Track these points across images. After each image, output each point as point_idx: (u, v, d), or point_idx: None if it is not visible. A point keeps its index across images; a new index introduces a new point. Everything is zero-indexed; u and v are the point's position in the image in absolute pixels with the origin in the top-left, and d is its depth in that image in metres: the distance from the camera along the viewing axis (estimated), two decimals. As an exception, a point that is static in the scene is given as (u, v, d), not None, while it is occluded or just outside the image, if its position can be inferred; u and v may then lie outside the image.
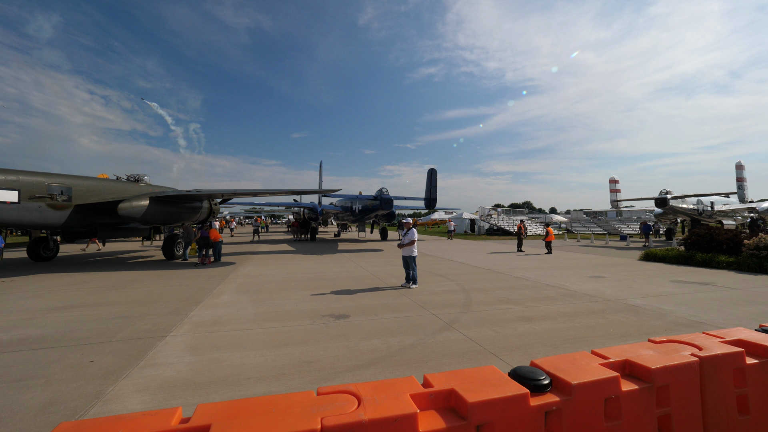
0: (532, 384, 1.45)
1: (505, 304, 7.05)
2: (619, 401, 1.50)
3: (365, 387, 1.37)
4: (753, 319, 6.04)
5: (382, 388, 1.36)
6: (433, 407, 1.35)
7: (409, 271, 8.78)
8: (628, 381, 1.59)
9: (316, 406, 1.24)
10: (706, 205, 23.04)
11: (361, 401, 1.28)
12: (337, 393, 1.33)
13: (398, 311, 6.46)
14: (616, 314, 6.31)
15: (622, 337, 5.11)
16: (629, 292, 8.12)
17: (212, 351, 4.51)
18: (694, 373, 1.66)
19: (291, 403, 1.26)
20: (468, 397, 1.31)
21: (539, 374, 1.50)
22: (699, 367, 1.68)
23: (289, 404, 1.25)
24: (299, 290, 8.31)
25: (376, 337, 5.06)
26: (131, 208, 12.06)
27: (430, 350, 4.56)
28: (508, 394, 1.34)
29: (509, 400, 1.33)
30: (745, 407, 1.77)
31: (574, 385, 1.43)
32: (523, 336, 5.13)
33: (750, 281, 9.56)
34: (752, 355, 1.88)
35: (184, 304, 7.01)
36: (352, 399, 1.29)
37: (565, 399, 1.42)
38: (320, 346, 4.67)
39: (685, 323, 5.77)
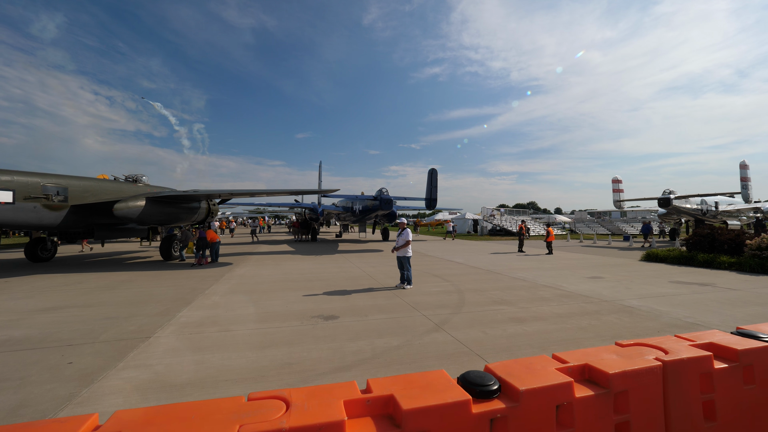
0: (479, 390, 1.38)
1: (498, 305, 6.95)
2: (573, 408, 1.42)
3: (299, 393, 1.30)
4: (749, 320, 5.90)
5: (316, 394, 1.30)
6: (369, 414, 1.29)
7: (404, 271, 8.71)
8: (584, 386, 1.51)
9: (240, 412, 1.18)
10: (710, 205, 22.74)
11: (289, 407, 1.21)
12: (267, 399, 1.27)
13: (389, 312, 6.39)
14: (610, 315, 6.19)
15: (613, 339, 5.00)
16: (626, 293, 7.99)
17: (194, 352, 4.46)
18: (656, 378, 1.58)
19: (215, 409, 1.20)
20: (404, 404, 1.24)
21: (488, 379, 1.43)
22: (662, 372, 1.60)
23: (212, 410, 1.19)
24: (292, 291, 8.26)
25: (362, 338, 4.99)
26: (127, 208, 12.08)
27: (415, 352, 4.48)
28: (447, 401, 1.27)
29: (449, 407, 1.26)
30: (711, 413, 1.68)
31: (522, 391, 1.36)
32: (512, 337, 5.04)
33: (751, 282, 9.38)
34: (722, 359, 1.80)
35: (174, 304, 6.99)
36: (280, 405, 1.22)
37: (512, 406, 1.35)
38: (304, 348, 4.62)
39: (679, 325, 5.65)
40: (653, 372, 1.58)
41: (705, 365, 1.70)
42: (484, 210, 39.14)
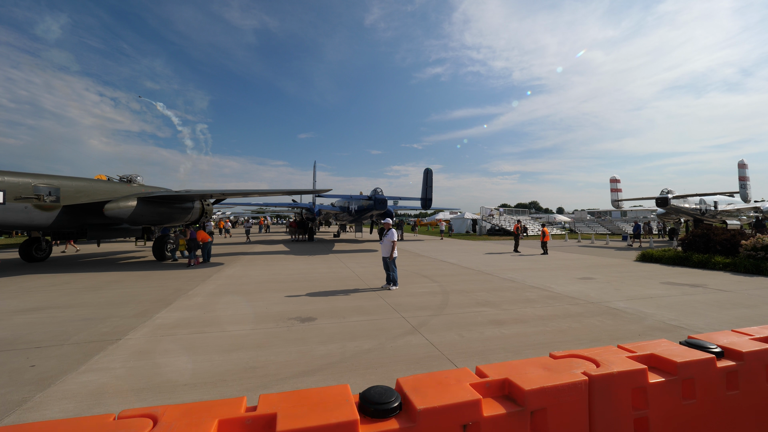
0: (374, 408, 1.28)
1: (481, 306, 6.85)
2: (480, 428, 1.32)
3: (174, 410, 1.21)
4: (736, 323, 5.76)
5: (192, 412, 1.21)
6: (248, 435, 1.20)
7: (389, 272, 8.61)
8: (499, 404, 1.42)
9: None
10: (709, 204, 22.49)
11: (155, 426, 1.12)
12: (137, 417, 1.18)
13: (368, 314, 6.30)
14: (593, 318, 6.07)
15: (592, 343, 4.89)
16: (614, 295, 7.86)
17: (160, 355, 4.39)
18: (580, 395, 1.48)
19: (80, 428, 1.11)
20: (283, 425, 1.15)
21: (389, 396, 1.33)
22: (587, 387, 1.50)
23: (74, 429, 1.10)
24: (276, 292, 8.19)
25: (335, 341, 4.90)
26: (118, 208, 12.05)
27: (386, 356, 4.39)
28: (331, 421, 1.18)
29: (332, 428, 1.17)
30: (644, 431, 1.58)
31: (420, 411, 1.26)
32: (488, 341, 4.94)
33: (743, 283, 9.22)
34: (660, 372, 1.69)
35: (154, 305, 6.93)
36: (147, 424, 1.14)
37: (409, 426, 1.25)
38: (273, 351, 4.53)
39: (662, 328, 5.52)
40: (577, 388, 1.48)
41: (638, 379, 1.59)
42: (482, 210, 38.95)
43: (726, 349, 1.86)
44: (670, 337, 5.11)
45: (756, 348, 1.85)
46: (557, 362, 1.67)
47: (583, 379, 1.49)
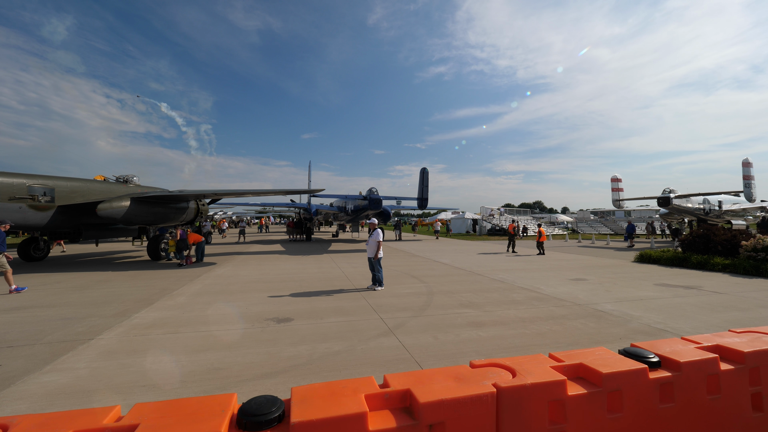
0: (247, 420, 1.20)
1: (464, 308, 6.74)
2: (365, 443, 1.24)
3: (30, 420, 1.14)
4: (724, 326, 5.59)
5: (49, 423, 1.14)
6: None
7: (375, 272, 8.53)
8: (393, 416, 1.33)
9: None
10: (713, 204, 22.09)
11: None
12: None
13: (347, 315, 6.22)
14: (576, 320, 5.94)
15: (570, 346, 4.76)
16: (604, 296, 7.70)
17: (128, 356, 4.35)
18: (486, 408, 1.38)
19: None
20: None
21: (268, 407, 1.25)
22: (495, 400, 1.40)
23: None
24: (261, 292, 8.14)
25: (306, 343, 4.83)
26: (111, 208, 12.10)
27: (353, 358, 4.31)
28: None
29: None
30: (560, 447, 1.48)
31: (293, 425, 1.18)
32: (462, 343, 4.83)
33: (741, 285, 8.99)
34: (586, 384, 1.59)
35: (136, 305, 6.91)
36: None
37: (282, 441, 1.17)
38: (241, 352, 4.47)
39: (646, 331, 5.38)
40: (482, 400, 1.38)
41: (556, 391, 1.49)
42: (482, 210, 38.70)
43: (664, 358, 1.76)
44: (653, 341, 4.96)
45: (696, 358, 1.74)
46: (473, 372, 1.57)
47: (490, 392, 1.40)
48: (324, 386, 1.41)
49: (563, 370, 1.63)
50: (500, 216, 39.11)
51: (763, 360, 1.81)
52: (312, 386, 1.41)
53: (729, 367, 1.77)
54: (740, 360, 1.80)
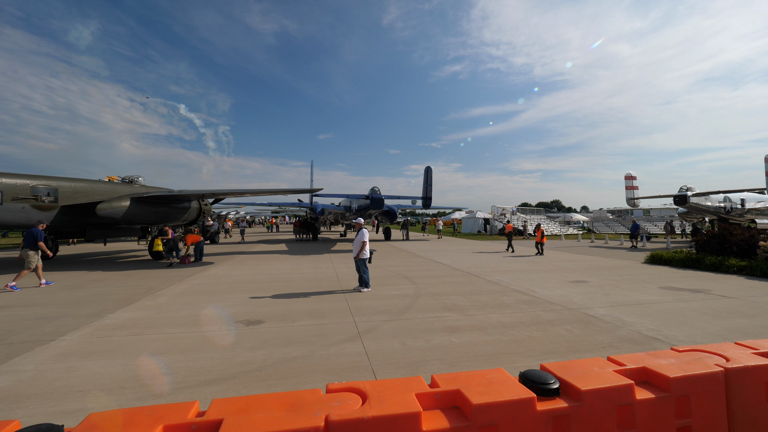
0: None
1: (447, 311, 6.44)
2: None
3: None
4: (724, 334, 5.12)
5: None
6: None
7: (360, 274, 8.31)
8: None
9: None
10: (735, 202, 20.86)
11: None
12: None
13: (321, 318, 6.02)
14: (562, 326, 5.56)
15: (545, 355, 4.42)
16: (600, 300, 7.25)
17: (80, 358, 4.28)
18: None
19: None
20: None
21: None
22: None
23: None
24: (245, 292, 8.04)
25: (266, 347, 4.66)
26: (110, 208, 12.31)
27: (307, 365, 4.10)
28: None
29: None
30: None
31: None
32: (429, 350, 4.56)
33: (755, 289, 8.33)
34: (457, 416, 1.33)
35: (115, 305, 6.91)
36: None
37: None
38: (196, 356, 4.34)
39: (634, 339, 4.97)
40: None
41: (411, 426, 1.24)
42: (494, 209, 37.91)
43: (566, 384, 1.47)
44: (638, 350, 4.57)
45: (605, 384, 1.45)
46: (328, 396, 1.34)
47: (316, 426, 1.16)
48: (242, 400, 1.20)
49: (437, 398, 1.37)
50: (512, 215, 38.24)
51: (693, 387, 1.50)
52: (236, 399, 1.21)
53: (648, 396, 1.47)
54: (664, 386, 1.50)
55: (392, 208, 25.82)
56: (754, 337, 5.06)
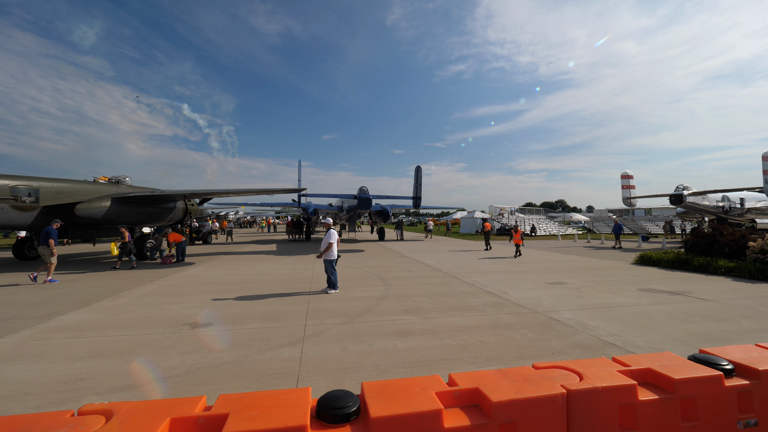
0: None
1: (406, 314, 6.23)
2: None
3: None
4: (689, 340, 4.85)
5: None
6: None
7: (328, 275, 8.13)
8: None
9: None
10: (734, 201, 20.38)
11: None
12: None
13: (274, 321, 5.85)
14: (519, 331, 5.33)
15: (489, 361, 4.20)
16: (572, 303, 6.99)
17: (4, 362, 4.14)
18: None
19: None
20: None
21: None
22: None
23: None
24: (210, 294, 7.89)
25: (200, 351, 4.49)
26: (90, 209, 12.27)
27: (233, 371, 3.92)
28: None
29: None
30: None
31: None
32: (367, 356, 4.36)
33: (738, 291, 8.01)
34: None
35: (73, 306, 6.81)
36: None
37: None
38: (122, 361, 4.18)
39: (589, 345, 4.72)
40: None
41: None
42: (492, 209, 37.56)
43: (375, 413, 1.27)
44: (589, 356, 4.33)
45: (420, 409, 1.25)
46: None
47: None
48: None
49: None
50: (511, 215, 37.86)
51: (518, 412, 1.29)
52: None
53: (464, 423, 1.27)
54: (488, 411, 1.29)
55: (385, 208, 25.63)
56: (716, 342, 4.79)
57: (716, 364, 1.62)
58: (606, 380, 1.46)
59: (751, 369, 1.58)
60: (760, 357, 1.72)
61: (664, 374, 1.51)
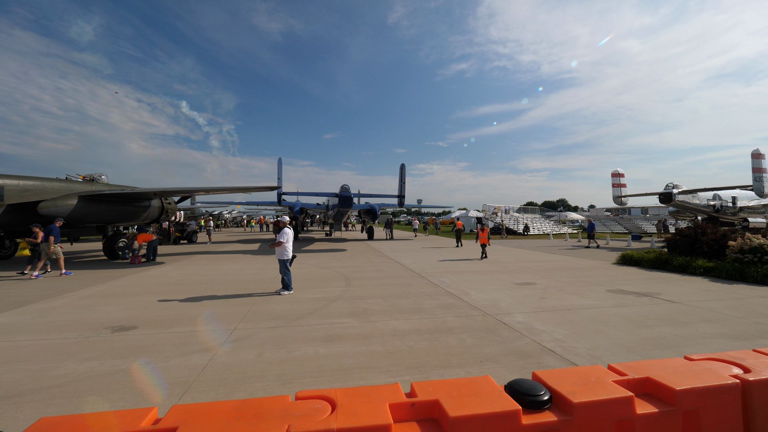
0: None
1: (349, 317, 5.90)
2: None
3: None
4: (639, 346, 4.50)
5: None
6: None
7: (282, 276, 7.81)
8: None
9: None
10: (725, 200, 19.94)
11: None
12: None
13: (204, 324, 5.52)
14: (459, 335, 4.99)
15: (410, 369, 3.87)
16: (530, 305, 6.64)
17: None
18: None
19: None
20: None
21: None
22: None
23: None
24: (159, 295, 7.58)
25: (103, 358, 4.17)
26: (54, 207, 11.97)
27: (126, 380, 3.60)
28: None
29: None
30: None
31: None
32: (278, 364, 4.03)
33: (710, 293, 7.63)
34: None
35: (5, 308, 6.51)
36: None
37: None
38: (11, 368, 3.87)
39: (524, 352, 4.37)
40: None
41: None
42: (485, 207, 37.17)
43: None
44: (523, 365, 3.99)
45: None
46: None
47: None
48: None
49: None
50: (505, 214, 37.46)
51: None
52: None
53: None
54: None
55: (373, 207, 25.31)
56: (662, 348, 4.43)
57: (530, 394, 1.29)
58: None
59: (567, 401, 1.24)
60: (596, 382, 1.38)
61: (445, 410, 1.16)
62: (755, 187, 15.45)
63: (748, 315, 5.93)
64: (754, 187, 15.45)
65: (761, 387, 1.40)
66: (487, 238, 14.05)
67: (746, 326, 5.35)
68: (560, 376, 1.46)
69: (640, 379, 1.45)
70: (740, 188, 20.24)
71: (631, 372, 1.50)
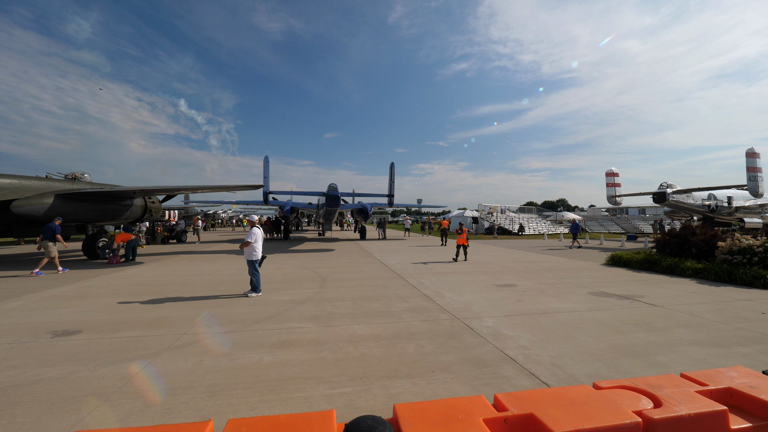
0: None
1: (309, 321, 5.62)
2: None
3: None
4: (609, 353, 4.20)
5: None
6: None
7: (250, 277, 7.53)
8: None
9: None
10: (721, 200, 19.62)
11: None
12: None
13: (154, 328, 5.25)
14: (419, 341, 4.71)
15: (353, 380, 3.59)
16: (504, 308, 6.35)
17: None
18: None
19: None
20: None
21: None
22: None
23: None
24: (123, 296, 7.29)
25: (28, 366, 3.90)
26: (29, 206, 11.68)
27: (39, 391, 3.32)
28: None
29: None
30: None
31: None
32: (212, 373, 3.75)
33: (695, 295, 7.34)
34: None
35: (-45, 311, 6.23)
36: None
37: None
38: None
39: (482, 360, 4.08)
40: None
41: None
42: (481, 207, 36.86)
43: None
44: (477, 375, 3.70)
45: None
46: None
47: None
48: None
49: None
50: (500, 214, 37.16)
51: None
52: None
53: None
54: None
55: (365, 206, 25.03)
56: (631, 357, 4.14)
57: (371, 426, 1.01)
58: None
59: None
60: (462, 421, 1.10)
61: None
62: (750, 187, 15.13)
63: (729, 320, 5.64)
64: (748, 186, 15.13)
65: (666, 427, 1.11)
66: (465, 239, 13.41)
67: (725, 332, 5.05)
68: (423, 410, 1.17)
69: (522, 417, 1.16)
70: (736, 188, 19.92)
71: (516, 406, 1.21)
